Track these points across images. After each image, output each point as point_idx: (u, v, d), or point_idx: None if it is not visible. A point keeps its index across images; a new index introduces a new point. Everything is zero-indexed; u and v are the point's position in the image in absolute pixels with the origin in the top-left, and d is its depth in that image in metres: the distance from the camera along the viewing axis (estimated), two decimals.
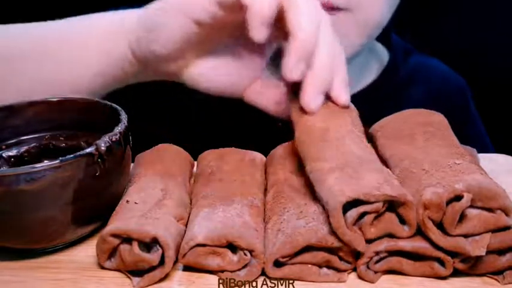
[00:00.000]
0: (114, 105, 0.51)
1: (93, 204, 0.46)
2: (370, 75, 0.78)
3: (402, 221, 0.42)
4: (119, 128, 0.47)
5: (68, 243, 0.47)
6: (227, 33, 0.55)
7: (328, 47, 0.49)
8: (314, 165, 0.45)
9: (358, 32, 0.67)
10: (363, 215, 0.41)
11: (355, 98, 0.75)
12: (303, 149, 0.48)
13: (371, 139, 0.55)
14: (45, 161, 0.43)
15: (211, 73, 0.57)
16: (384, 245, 0.42)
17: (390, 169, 0.48)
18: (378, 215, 0.42)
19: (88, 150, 0.44)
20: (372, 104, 0.74)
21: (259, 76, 0.58)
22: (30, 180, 0.42)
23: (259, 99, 0.57)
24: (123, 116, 0.49)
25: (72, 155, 0.44)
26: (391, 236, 0.42)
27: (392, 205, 0.42)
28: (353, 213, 0.41)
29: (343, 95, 0.51)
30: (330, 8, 0.63)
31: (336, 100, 0.51)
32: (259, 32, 0.48)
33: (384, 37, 0.79)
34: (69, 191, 0.44)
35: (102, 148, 0.45)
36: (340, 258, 0.42)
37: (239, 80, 0.57)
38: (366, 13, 0.66)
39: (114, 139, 0.46)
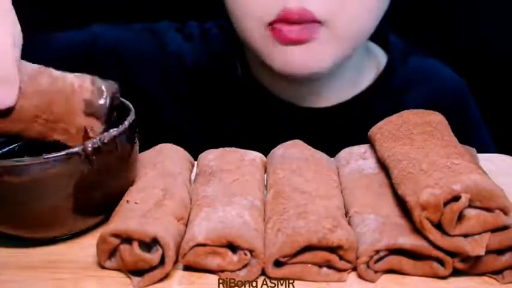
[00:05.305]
0: (122, 99, 0.51)
1: (88, 202, 0.47)
2: (366, 79, 0.76)
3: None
4: (120, 128, 0.47)
5: (68, 236, 0.48)
6: None
7: None
8: None
9: (338, 44, 0.65)
10: None
11: (351, 103, 0.75)
12: None
13: (370, 142, 0.55)
14: (27, 157, 0.43)
15: None
16: (384, 242, 0.42)
17: (389, 170, 0.48)
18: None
19: (75, 149, 0.44)
20: (368, 109, 0.73)
21: None
22: (17, 174, 0.43)
23: None
24: (131, 112, 0.49)
25: (63, 152, 0.44)
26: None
27: None
28: None
29: None
30: (310, 21, 0.62)
31: None
32: None
33: (381, 38, 0.78)
34: (60, 188, 0.44)
35: (89, 149, 0.45)
36: (340, 258, 0.42)
37: None
38: (347, 24, 0.64)
39: (107, 139, 0.46)
